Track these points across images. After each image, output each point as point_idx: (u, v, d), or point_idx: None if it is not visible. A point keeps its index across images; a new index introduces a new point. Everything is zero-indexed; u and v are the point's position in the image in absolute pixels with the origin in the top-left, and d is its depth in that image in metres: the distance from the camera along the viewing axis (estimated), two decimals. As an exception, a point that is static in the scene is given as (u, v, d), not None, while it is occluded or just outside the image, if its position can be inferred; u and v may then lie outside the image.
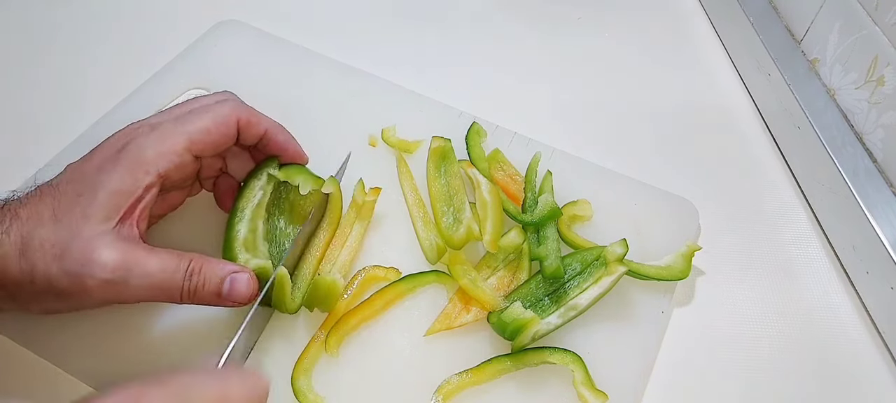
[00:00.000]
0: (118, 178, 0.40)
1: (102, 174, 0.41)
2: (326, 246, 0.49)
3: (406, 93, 0.62)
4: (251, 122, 0.46)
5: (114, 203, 0.40)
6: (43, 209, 0.40)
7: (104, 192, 0.40)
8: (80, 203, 0.39)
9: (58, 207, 0.40)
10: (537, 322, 0.44)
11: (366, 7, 0.74)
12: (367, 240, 0.51)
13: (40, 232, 0.39)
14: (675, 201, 0.54)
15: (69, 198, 0.40)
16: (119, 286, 0.39)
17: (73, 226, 0.39)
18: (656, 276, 0.49)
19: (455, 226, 0.50)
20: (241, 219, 0.46)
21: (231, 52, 0.65)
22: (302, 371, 0.44)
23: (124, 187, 0.40)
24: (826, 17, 0.59)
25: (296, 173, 0.49)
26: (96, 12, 0.71)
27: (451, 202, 0.52)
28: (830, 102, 0.58)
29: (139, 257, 0.40)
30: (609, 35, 0.72)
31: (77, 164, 0.42)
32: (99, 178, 0.40)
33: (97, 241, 0.39)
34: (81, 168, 0.42)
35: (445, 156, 0.55)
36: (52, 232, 0.39)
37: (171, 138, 0.42)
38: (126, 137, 0.43)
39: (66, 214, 0.39)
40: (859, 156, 0.53)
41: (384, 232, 0.52)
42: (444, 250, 0.49)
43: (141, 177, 0.41)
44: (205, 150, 0.44)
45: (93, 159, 0.42)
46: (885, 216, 0.49)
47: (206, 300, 0.42)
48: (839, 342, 0.49)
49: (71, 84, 0.64)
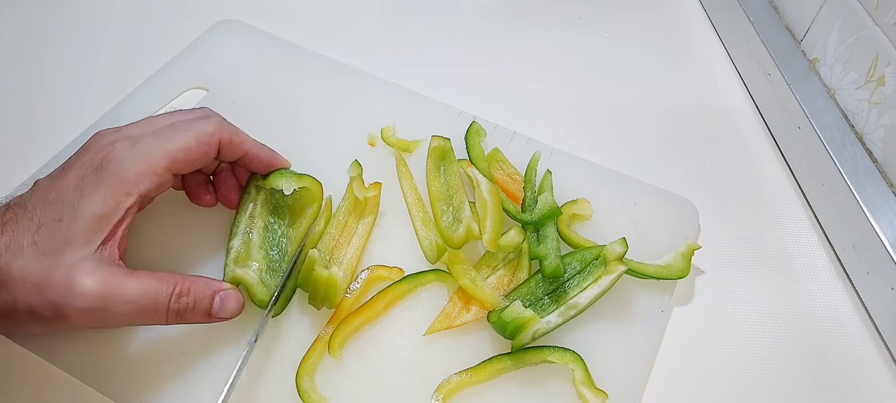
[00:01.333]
0: (100, 201, 0.39)
1: (82, 197, 0.39)
2: (319, 237, 0.50)
3: (405, 93, 0.62)
4: (233, 142, 0.46)
5: (95, 227, 0.39)
6: (21, 236, 0.38)
7: (84, 218, 0.39)
8: (61, 229, 0.38)
9: (37, 234, 0.38)
10: (537, 321, 0.44)
11: (365, 7, 0.74)
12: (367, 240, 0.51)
13: (19, 262, 0.37)
14: (675, 200, 0.54)
15: (48, 224, 0.38)
16: (100, 314, 0.38)
17: (54, 255, 0.38)
18: (656, 275, 0.49)
19: (455, 226, 0.50)
20: (235, 235, 0.48)
21: (231, 52, 0.65)
22: (306, 372, 0.44)
23: (106, 210, 0.39)
24: (826, 17, 0.59)
25: (278, 177, 0.50)
26: (96, 12, 0.71)
27: (451, 201, 0.52)
28: (830, 102, 0.58)
29: (119, 283, 0.39)
30: (609, 34, 0.72)
31: (50, 183, 0.41)
32: (78, 201, 0.39)
33: (78, 269, 0.38)
34: (57, 187, 0.40)
35: (445, 155, 0.55)
36: (33, 261, 0.37)
37: (152, 156, 0.41)
38: (103, 152, 0.41)
39: (46, 242, 0.38)
40: (859, 156, 0.53)
41: (384, 231, 0.52)
42: (443, 249, 0.49)
43: (122, 198, 0.40)
44: (184, 169, 0.44)
45: (68, 177, 0.40)
46: (885, 216, 0.49)
47: (196, 320, 0.42)
48: (839, 342, 0.49)
49: (70, 83, 0.64)
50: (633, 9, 0.76)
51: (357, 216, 0.51)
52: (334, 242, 0.50)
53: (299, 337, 0.46)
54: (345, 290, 0.47)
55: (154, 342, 0.46)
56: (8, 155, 0.58)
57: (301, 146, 0.57)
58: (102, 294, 0.38)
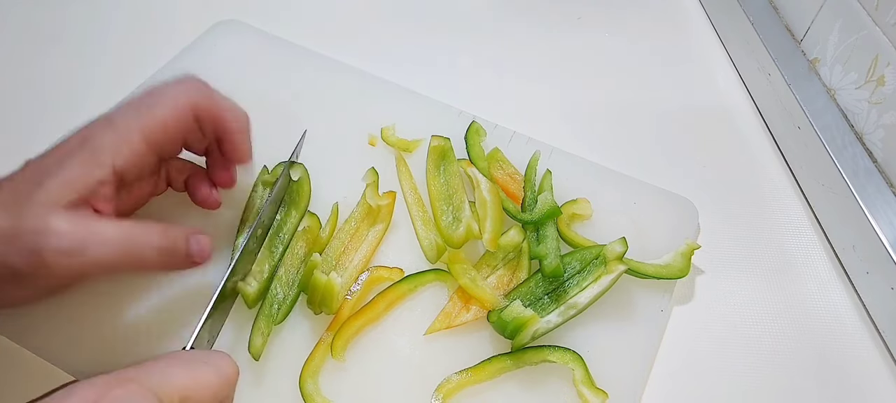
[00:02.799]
0: (74, 170, 0.40)
1: (59, 166, 0.40)
2: (315, 239, 0.50)
3: (405, 93, 0.62)
4: (211, 110, 0.45)
5: (67, 189, 0.39)
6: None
7: (57, 180, 0.39)
8: (34, 190, 0.39)
9: (11, 196, 0.39)
10: (537, 320, 0.44)
11: (366, 7, 0.74)
12: (367, 239, 0.52)
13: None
14: (675, 200, 0.54)
15: (24, 186, 0.39)
16: (79, 257, 0.38)
17: (25, 208, 0.38)
18: (656, 275, 0.49)
19: (454, 225, 0.50)
20: (240, 233, 0.50)
21: (231, 52, 0.65)
22: (309, 374, 0.44)
23: (77, 178, 0.40)
24: (826, 17, 0.59)
25: (273, 174, 0.53)
26: (96, 12, 0.71)
27: (451, 201, 0.52)
28: (830, 102, 0.58)
29: (96, 225, 0.39)
30: (609, 34, 0.72)
31: (37, 159, 0.42)
32: (55, 169, 0.40)
33: (50, 214, 0.38)
34: (40, 162, 0.41)
35: (445, 155, 0.55)
36: (4, 218, 0.38)
37: (127, 133, 0.42)
38: (86, 131, 0.42)
39: (19, 200, 0.38)
40: (859, 156, 0.53)
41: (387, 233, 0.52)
42: (443, 249, 0.49)
43: (94, 170, 0.40)
44: (164, 146, 0.44)
45: (53, 153, 0.42)
46: (885, 216, 0.49)
47: (176, 263, 0.42)
48: (839, 341, 0.49)
49: (70, 83, 0.64)
50: (634, 9, 0.76)
51: (369, 223, 0.51)
52: (343, 247, 0.50)
53: (301, 341, 0.46)
54: (344, 295, 0.47)
55: (155, 345, 0.46)
56: (7, 155, 0.58)
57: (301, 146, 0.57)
58: (79, 234, 0.38)
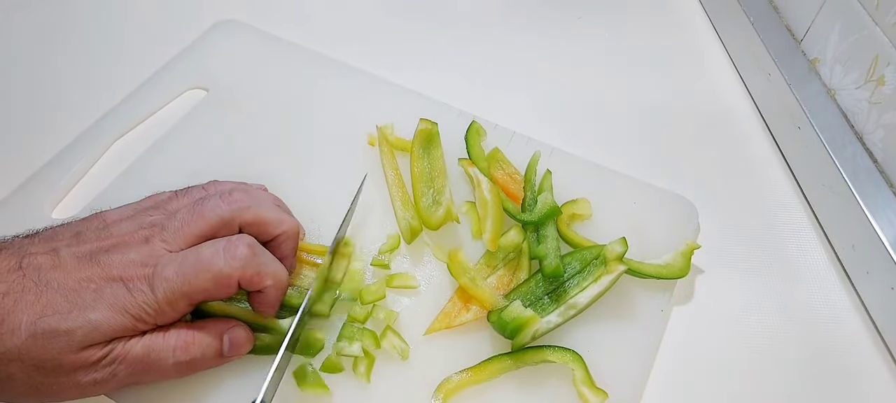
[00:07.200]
0: (102, 314, 0.38)
1: (94, 308, 0.38)
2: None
3: (405, 93, 0.62)
4: (253, 282, 0.42)
5: (90, 338, 0.38)
6: (20, 314, 0.36)
7: (82, 331, 0.37)
8: (58, 337, 0.37)
9: (38, 324, 0.36)
10: (537, 320, 0.44)
11: (365, 7, 0.74)
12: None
13: (15, 342, 0.36)
14: (675, 200, 0.54)
15: (50, 315, 0.37)
16: (103, 386, 0.38)
17: (51, 374, 0.37)
18: (656, 275, 0.49)
19: (434, 208, 0.50)
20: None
21: (231, 52, 0.65)
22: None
23: (103, 324, 0.38)
24: (826, 17, 0.59)
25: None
26: (96, 12, 0.71)
27: (432, 184, 0.52)
28: (830, 102, 0.58)
29: (119, 349, 0.38)
30: (609, 34, 0.72)
31: (68, 254, 0.39)
32: (86, 304, 0.38)
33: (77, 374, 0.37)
34: (73, 268, 0.39)
35: (431, 139, 0.55)
36: (30, 350, 0.36)
37: (171, 295, 0.40)
38: (151, 260, 0.40)
39: (42, 351, 0.36)
40: (859, 156, 0.53)
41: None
42: (419, 230, 0.50)
43: (137, 324, 0.39)
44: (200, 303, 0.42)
45: (91, 266, 0.39)
46: (885, 216, 0.49)
47: (207, 366, 0.42)
48: (839, 342, 0.49)
49: (70, 83, 0.64)
50: (633, 9, 0.76)
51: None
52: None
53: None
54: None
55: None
56: (9, 154, 0.58)
57: (301, 146, 0.57)
58: (102, 375, 0.38)
